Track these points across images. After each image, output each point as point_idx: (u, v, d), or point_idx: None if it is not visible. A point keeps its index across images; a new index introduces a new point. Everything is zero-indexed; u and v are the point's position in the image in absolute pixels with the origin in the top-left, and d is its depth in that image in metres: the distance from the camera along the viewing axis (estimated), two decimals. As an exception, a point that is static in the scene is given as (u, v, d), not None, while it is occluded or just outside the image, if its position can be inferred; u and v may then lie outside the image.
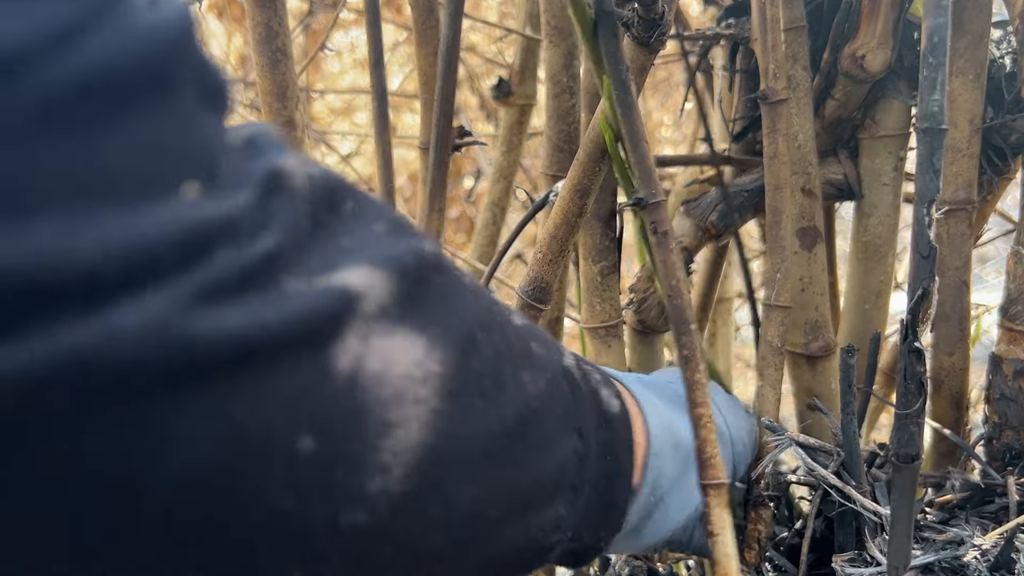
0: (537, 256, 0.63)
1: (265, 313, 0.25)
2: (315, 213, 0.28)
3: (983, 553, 0.57)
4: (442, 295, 0.32)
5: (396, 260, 0.29)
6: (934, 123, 0.42)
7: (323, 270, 0.27)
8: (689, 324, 0.42)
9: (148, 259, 0.23)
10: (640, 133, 0.41)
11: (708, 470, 0.45)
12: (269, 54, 0.65)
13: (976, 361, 0.74)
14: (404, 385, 0.28)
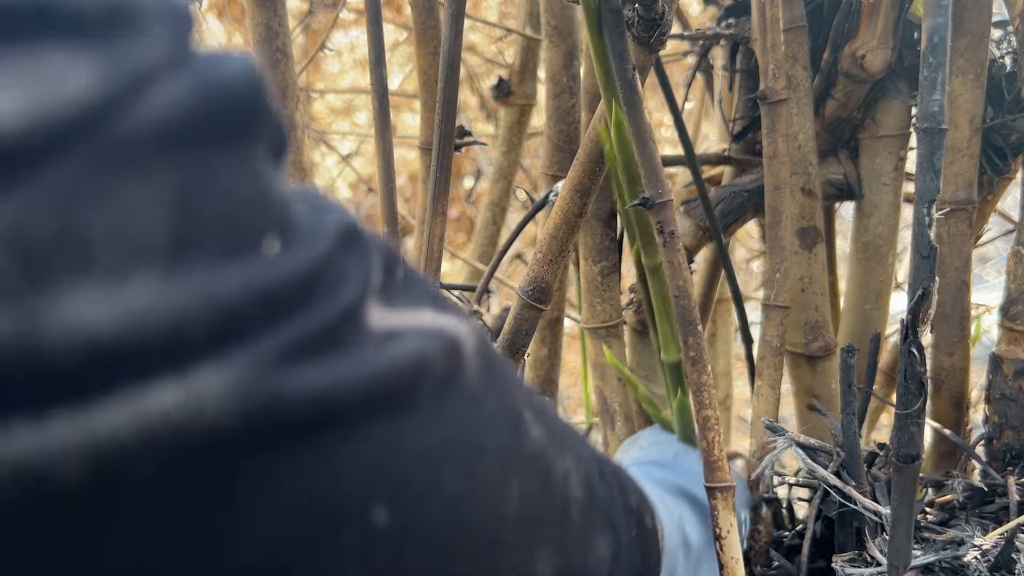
0: (537, 256, 0.62)
1: (347, 373, 0.24)
2: (386, 267, 0.28)
3: (983, 553, 0.57)
4: (495, 372, 0.31)
5: (453, 330, 0.28)
6: (934, 123, 0.42)
7: (408, 311, 0.27)
8: (696, 325, 0.42)
9: (234, 319, 0.22)
10: (647, 132, 0.41)
11: (715, 473, 0.45)
12: (269, 54, 0.65)
13: (976, 361, 0.74)
14: (468, 459, 0.28)
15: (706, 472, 0.45)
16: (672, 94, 0.71)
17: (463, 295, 0.78)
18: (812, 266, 0.72)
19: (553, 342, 0.76)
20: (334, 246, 0.26)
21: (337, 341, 0.24)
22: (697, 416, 0.44)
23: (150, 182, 0.21)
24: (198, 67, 0.23)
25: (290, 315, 0.23)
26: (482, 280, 0.74)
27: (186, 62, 0.22)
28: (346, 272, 0.26)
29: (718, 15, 0.80)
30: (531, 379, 0.76)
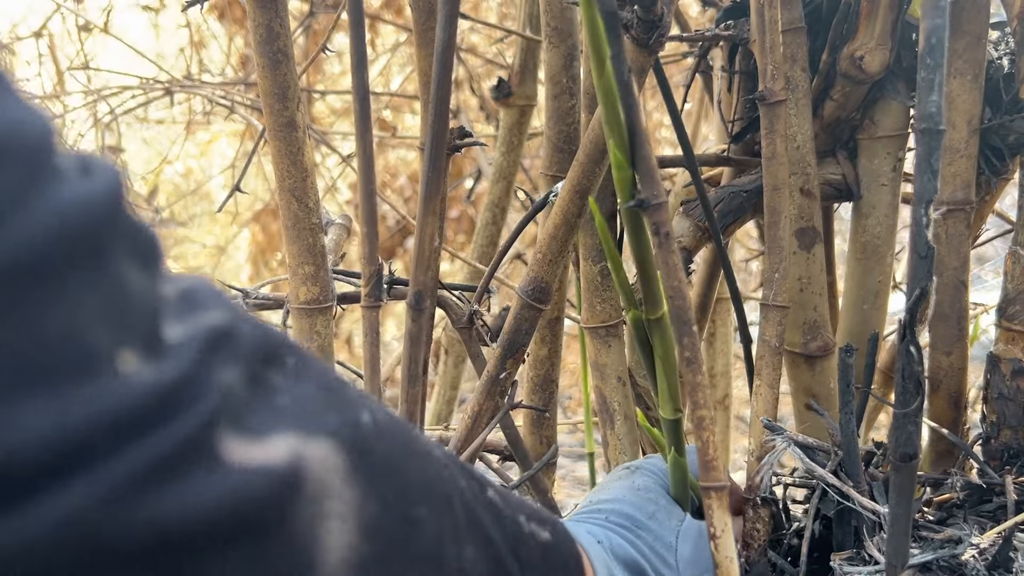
0: (537, 256, 0.63)
1: (200, 497, 0.24)
2: (254, 372, 0.28)
3: (981, 552, 0.57)
4: (383, 469, 0.31)
5: (335, 432, 0.28)
6: (932, 124, 0.42)
7: (263, 434, 0.26)
8: (691, 325, 0.42)
9: (75, 447, 0.22)
10: (643, 134, 0.41)
11: (709, 472, 0.45)
12: (270, 55, 0.65)
13: (974, 361, 0.74)
14: (340, 571, 0.28)
15: (702, 472, 0.45)
16: (671, 95, 0.71)
17: (463, 295, 0.78)
18: (811, 266, 0.73)
19: (553, 342, 0.76)
20: (197, 354, 0.26)
21: (194, 456, 0.24)
22: (692, 416, 0.44)
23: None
24: (51, 195, 0.23)
25: (141, 436, 0.23)
26: (482, 280, 0.74)
27: (41, 191, 0.23)
28: (208, 380, 0.25)
29: (717, 16, 0.81)
30: (531, 379, 0.76)
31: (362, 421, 0.31)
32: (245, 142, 2.61)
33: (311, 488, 0.27)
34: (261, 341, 0.29)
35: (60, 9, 2.18)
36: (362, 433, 0.30)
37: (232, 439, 0.25)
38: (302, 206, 0.70)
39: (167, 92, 1.91)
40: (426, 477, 0.34)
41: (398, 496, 0.31)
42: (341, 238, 0.90)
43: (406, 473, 0.33)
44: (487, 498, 0.39)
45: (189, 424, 0.24)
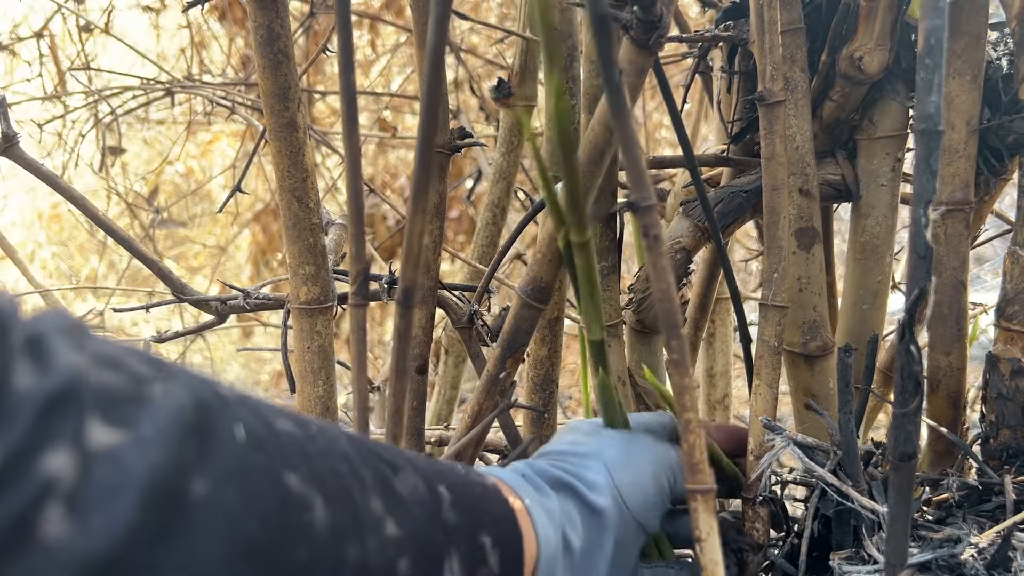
0: (537, 256, 0.63)
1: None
2: (93, 436, 0.27)
3: (980, 551, 0.57)
4: (269, 462, 0.32)
5: (112, 544, 0.27)
6: (931, 124, 0.42)
7: (92, 505, 0.26)
8: (679, 328, 0.43)
9: None
10: (632, 137, 0.41)
11: (695, 475, 0.45)
12: (271, 56, 0.65)
13: (973, 360, 0.74)
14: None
15: (687, 474, 0.45)
16: (671, 96, 0.71)
17: (463, 295, 0.78)
18: (810, 266, 0.73)
19: (553, 342, 0.76)
20: (34, 423, 0.26)
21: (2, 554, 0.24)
22: (679, 419, 0.44)
23: None
24: None
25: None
26: (482, 280, 0.75)
27: None
28: (35, 463, 0.25)
29: (717, 17, 0.81)
30: (531, 379, 0.76)
31: (195, 491, 0.31)
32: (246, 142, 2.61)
33: (141, 558, 0.27)
34: (105, 394, 0.29)
35: (61, 10, 2.18)
36: (200, 480, 0.30)
37: (57, 515, 0.25)
38: (303, 206, 0.70)
39: (168, 93, 1.91)
40: (319, 479, 0.35)
41: (258, 521, 0.32)
42: (341, 238, 0.90)
43: (264, 496, 0.33)
44: (390, 469, 0.40)
45: (13, 502, 0.25)
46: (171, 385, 0.30)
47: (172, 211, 3.12)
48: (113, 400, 0.28)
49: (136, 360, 0.31)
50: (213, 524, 0.29)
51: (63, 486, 0.26)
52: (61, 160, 2.37)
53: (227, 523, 0.30)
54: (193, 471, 0.29)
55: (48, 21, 2.33)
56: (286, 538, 0.32)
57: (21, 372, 0.26)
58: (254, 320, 2.21)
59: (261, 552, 0.31)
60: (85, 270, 3.67)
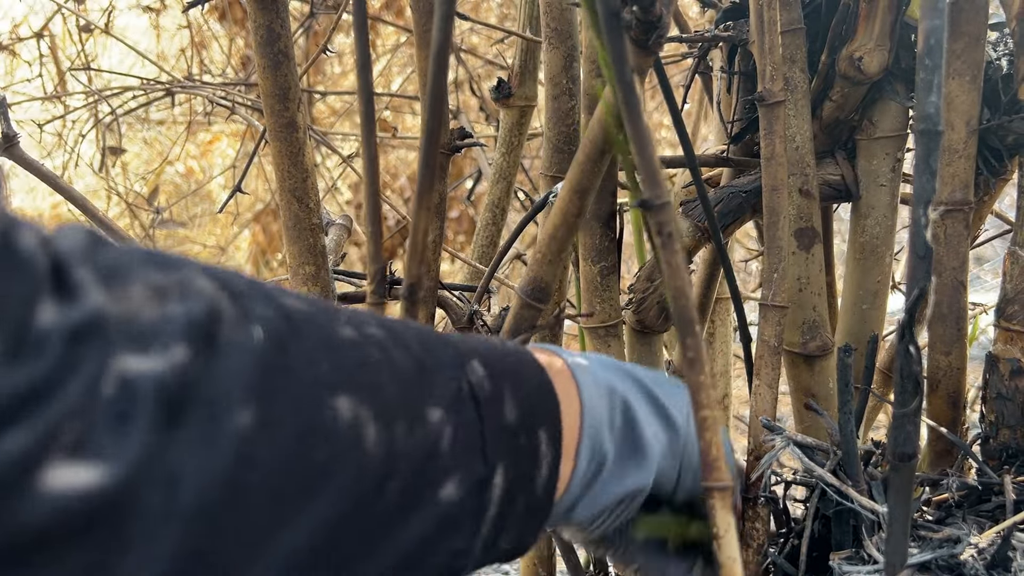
0: (537, 256, 0.63)
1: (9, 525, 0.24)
2: (119, 368, 0.27)
3: (980, 551, 0.58)
4: (289, 363, 0.32)
5: (224, 346, 0.29)
6: (931, 124, 0.42)
7: (104, 449, 0.26)
8: (694, 325, 0.43)
9: None
10: (646, 135, 0.41)
11: (712, 472, 0.45)
12: (271, 56, 0.65)
13: (973, 361, 0.74)
14: (235, 481, 0.29)
15: (704, 472, 0.45)
16: (672, 96, 0.71)
17: (463, 295, 0.78)
18: (810, 266, 0.73)
19: (553, 342, 0.76)
20: (56, 357, 0.25)
21: (27, 476, 0.24)
22: (696, 416, 0.45)
23: None
24: None
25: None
26: (482, 280, 0.75)
27: None
28: (55, 395, 0.25)
29: (716, 17, 0.81)
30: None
31: (271, 314, 0.31)
32: (246, 143, 2.61)
33: (157, 479, 0.27)
34: (126, 319, 0.28)
35: (61, 10, 2.18)
36: (274, 326, 0.31)
37: (64, 459, 0.25)
38: (303, 206, 0.70)
39: (168, 93, 1.91)
40: (348, 356, 0.35)
41: (304, 393, 0.32)
42: (341, 238, 0.90)
43: (320, 355, 0.33)
44: (423, 352, 0.39)
45: (19, 440, 0.24)
46: (187, 296, 0.30)
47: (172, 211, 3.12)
48: (133, 325, 0.28)
49: (151, 269, 0.30)
50: (225, 437, 0.29)
51: (84, 418, 0.26)
52: (61, 160, 2.38)
53: (241, 437, 0.30)
54: (207, 383, 0.29)
55: (48, 21, 2.33)
56: (303, 442, 0.32)
57: (46, 307, 0.26)
58: (254, 320, 2.20)
59: (275, 462, 0.31)
60: (85, 270, 3.66)
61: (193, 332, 0.29)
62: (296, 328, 0.33)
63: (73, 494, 0.25)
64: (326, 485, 0.32)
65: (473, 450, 0.39)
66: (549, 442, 0.43)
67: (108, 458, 0.26)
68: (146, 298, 0.29)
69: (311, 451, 0.32)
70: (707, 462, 0.45)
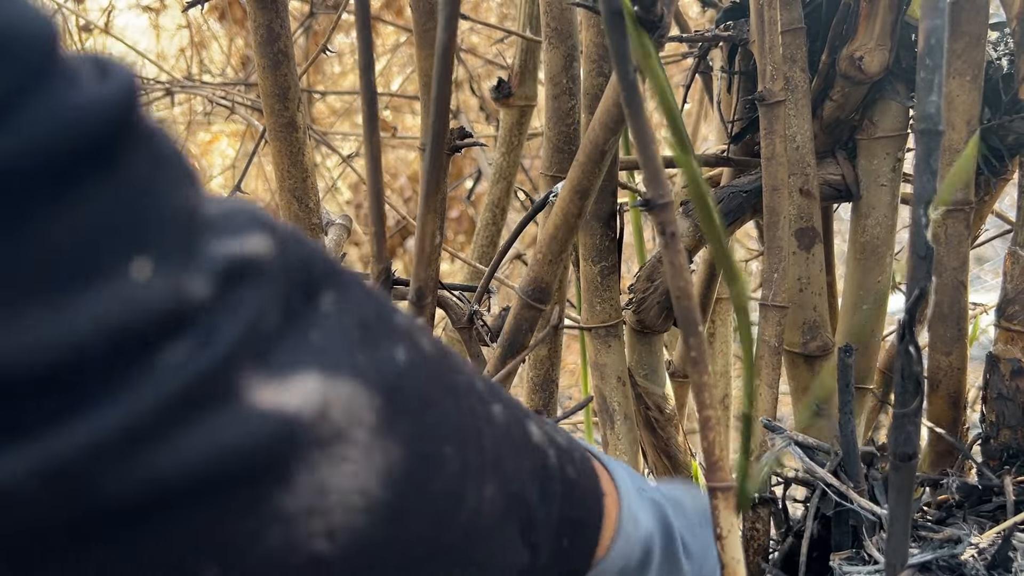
0: (537, 257, 0.63)
1: (211, 445, 0.23)
2: (288, 302, 0.26)
3: (980, 551, 0.58)
4: (415, 408, 0.30)
5: (364, 372, 0.27)
6: (931, 124, 0.42)
7: (286, 374, 0.25)
8: (697, 326, 0.42)
9: (71, 368, 0.21)
10: (649, 134, 0.41)
11: (716, 473, 0.45)
12: (271, 56, 0.65)
13: (973, 361, 0.74)
14: (341, 517, 0.26)
15: (708, 472, 0.45)
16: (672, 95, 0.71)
17: (463, 295, 0.78)
18: (810, 266, 0.73)
19: (553, 342, 0.76)
20: (222, 276, 0.24)
21: (194, 412, 0.22)
22: (699, 416, 0.44)
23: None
24: (58, 95, 0.22)
25: (152, 360, 0.22)
26: (482, 280, 0.75)
27: (47, 89, 0.22)
28: (233, 308, 0.24)
29: (717, 17, 0.81)
30: (531, 379, 0.76)
31: (395, 359, 0.29)
32: (246, 142, 2.61)
33: (326, 432, 0.25)
34: (302, 268, 0.27)
35: (61, 10, 2.18)
36: (392, 372, 0.29)
37: (254, 378, 0.24)
38: (302, 206, 0.70)
39: (168, 92, 1.91)
40: (458, 412, 0.33)
41: (424, 435, 0.30)
42: (341, 238, 0.90)
43: (437, 410, 0.31)
44: (521, 431, 0.37)
45: (208, 354, 0.23)
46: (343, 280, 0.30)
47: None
48: (303, 277, 0.27)
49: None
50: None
51: (261, 341, 0.25)
52: (61, 160, 2.37)
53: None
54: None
55: (48, 21, 2.32)
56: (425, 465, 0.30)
57: (216, 231, 0.25)
58: (254, 320, 2.21)
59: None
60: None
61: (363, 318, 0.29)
62: (419, 364, 0.32)
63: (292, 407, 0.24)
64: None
65: (527, 535, 0.37)
66: (585, 556, 0.42)
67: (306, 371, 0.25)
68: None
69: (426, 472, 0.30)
70: (710, 462, 0.45)
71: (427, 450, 0.30)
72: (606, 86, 0.59)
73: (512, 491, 0.35)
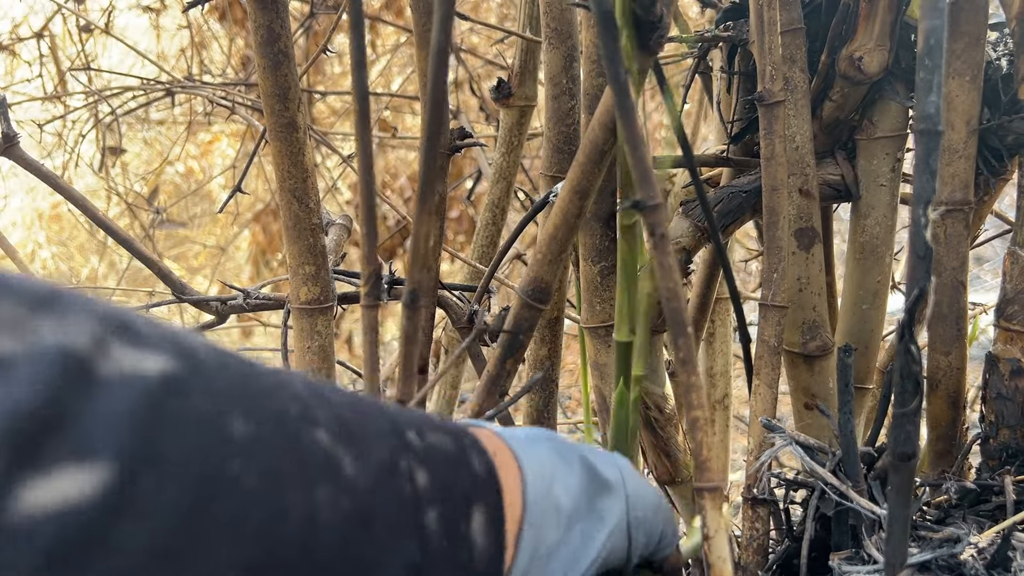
0: (537, 257, 0.63)
1: None
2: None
3: (980, 551, 0.58)
4: (195, 417, 0.28)
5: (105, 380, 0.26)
6: (931, 124, 0.42)
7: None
8: (686, 327, 0.43)
9: None
10: (639, 136, 0.41)
11: (703, 473, 0.45)
12: (271, 56, 0.66)
13: (973, 361, 0.74)
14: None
15: (696, 473, 0.45)
16: (671, 95, 0.71)
17: (463, 295, 0.78)
18: (810, 266, 0.73)
19: (553, 342, 0.76)
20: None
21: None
22: (687, 417, 0.45)
23: None
24: None
25: None
26: (482, 280, 0.75)
27: None
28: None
29: (716, 17, 0.81)
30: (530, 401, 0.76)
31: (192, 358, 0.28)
32: (246, 143, 2.61)
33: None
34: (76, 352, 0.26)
35: (61, 10, 2.18)
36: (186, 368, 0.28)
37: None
38: (303, 206, 0.70)
39: (168, 93, 1.91)
40: (270, 418, 0.30)
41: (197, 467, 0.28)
42: (341, 238, 0.91)
43: (231, 421, 0.29)
44: (354, 419, 0.35)
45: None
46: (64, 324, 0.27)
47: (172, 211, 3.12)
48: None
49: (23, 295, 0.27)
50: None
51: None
52: (61, 160, 2.38)
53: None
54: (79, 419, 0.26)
55: (48, 21, 2.33)
56: (199, 494, 0.28)
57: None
58: (254, 320, 2.21)
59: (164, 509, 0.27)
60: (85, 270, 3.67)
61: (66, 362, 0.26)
62: (198, 369, 0.29)
63: None
64: (222, 545, 0.28)
65: (409, 531, 0.34)
66: (490, 531, 0.39)
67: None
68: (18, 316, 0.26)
69: (209, 503, 0.27)
70: (698, 463, 0.45)
71: (201, 493, 0.28)
72: (606, 86, 0.60)
73: (369, 484, 0.33)
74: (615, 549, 0.46)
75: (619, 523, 0.47)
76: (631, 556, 0.48)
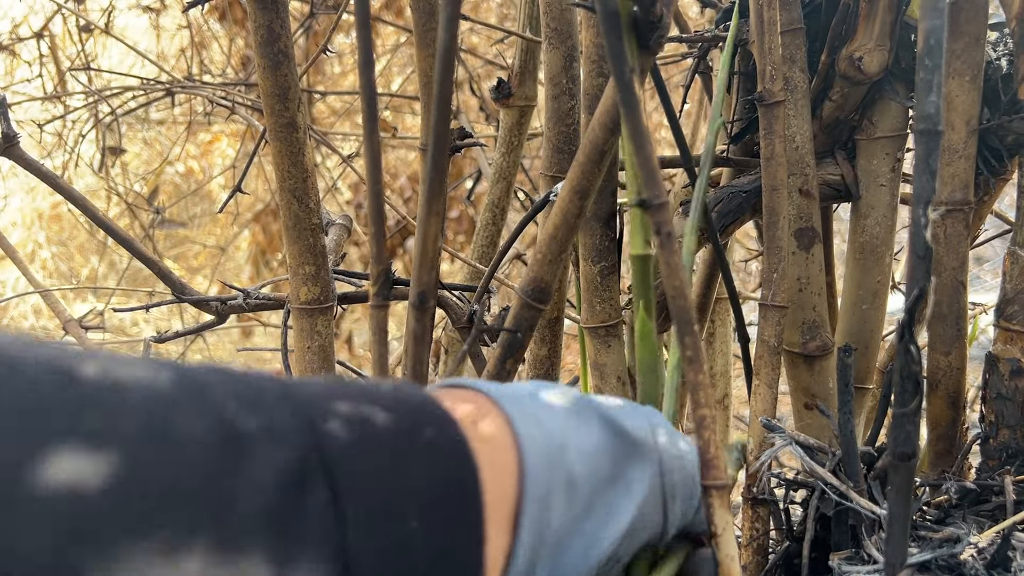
0: (537, 257, 0.63)
1: None
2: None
3: (980, 551, 0.58)
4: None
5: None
6: (931, 124, 0.42)
7: None
8: (693, 324, 0.43)
9: None
10: (645, 134, 0.41)
11: (710, 471, 0.45)
12: (271, 56, 0.66)
13: (973, 361, 0.74)
14: None
15: (702, 470, 0.45)
16: (667, 96, 0.71)
17: (463, 295, 0.78)
18: (809, 266, 0.73)
19: (553, 342, 0.76)
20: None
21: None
22: (693, 415, 0.45)
23: None
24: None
25: None
26: (482, 280, 0.75)
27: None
28: None
29: (716, 17, 0.81)
30: (531, 379, 0.76)
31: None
32: (246, 143, 2.62)
33: None
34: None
35: (61, 10, 2.18)
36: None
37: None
38: (303, 206, 0.70)
39: (168, 93, 1.91)
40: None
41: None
42: (341, 238, 0.91)
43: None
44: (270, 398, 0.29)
45: None
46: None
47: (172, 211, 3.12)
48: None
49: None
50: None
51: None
52: (61, 160, 2.38)
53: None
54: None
55: (48, 21, 2.33)
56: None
57: None
58: (254, 320, 2.21)
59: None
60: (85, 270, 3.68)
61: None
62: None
63: None
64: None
65: (321, 543, 0.27)
66: (459, 522, 0.32)
67: None
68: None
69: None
70: (705, 460, 0.45)
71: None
72: (606, 86, 0.60)
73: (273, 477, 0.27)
74: (647, 522, 0.40)
75: (652, 491, 0.40)
76: (667, 530, 0.41)
